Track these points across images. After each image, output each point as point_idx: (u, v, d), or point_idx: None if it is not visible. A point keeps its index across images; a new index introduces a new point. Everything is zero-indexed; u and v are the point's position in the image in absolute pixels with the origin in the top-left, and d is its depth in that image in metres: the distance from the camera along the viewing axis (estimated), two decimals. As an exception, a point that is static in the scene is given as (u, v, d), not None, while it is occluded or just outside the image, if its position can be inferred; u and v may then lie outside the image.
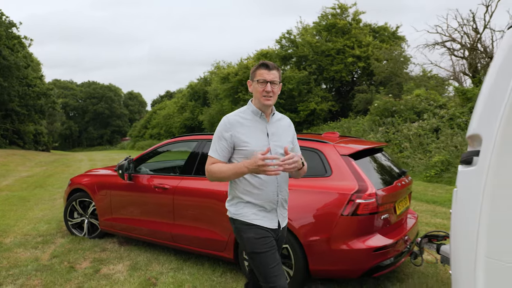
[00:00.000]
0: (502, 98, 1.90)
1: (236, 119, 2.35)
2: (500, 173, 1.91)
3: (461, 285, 2.14)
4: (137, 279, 3.93)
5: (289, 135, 2.49)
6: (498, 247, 1.94)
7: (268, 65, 2.33)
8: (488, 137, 1.98)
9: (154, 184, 4.46)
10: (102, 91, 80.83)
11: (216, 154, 2.34)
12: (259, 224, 2.32)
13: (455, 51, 18.62)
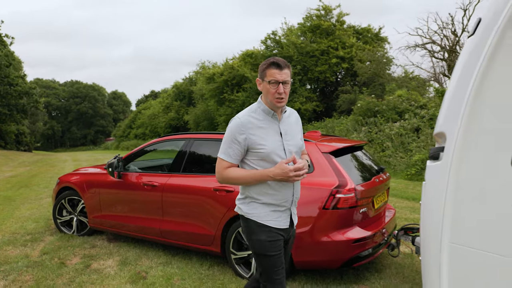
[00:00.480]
0: (463, 100, 2.12)
1: (249, 120, 2.25)
2: (461, 167, 2.13)
3: (429, 268, 2.35)
4: (127, 273, 4.07)
5: (298, 131, 2.45)
6: (460, 233, 2.16)
7: (280, 64, 2.20)
8: (451, 134, 2.19)
9: (143, 181, 4.60)
10: (85, 91, 79.88)
11: (229, 158, 2.24)
12: (272, 226, 2.28)
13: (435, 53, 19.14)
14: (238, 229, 3.87)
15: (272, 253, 2.27)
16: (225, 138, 2.27)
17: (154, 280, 3.86)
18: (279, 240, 2.31)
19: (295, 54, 21.19)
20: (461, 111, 2.12)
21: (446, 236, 2.22)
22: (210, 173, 4.28)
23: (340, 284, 3.73)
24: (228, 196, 3.93)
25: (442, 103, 2.37)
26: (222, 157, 2.26)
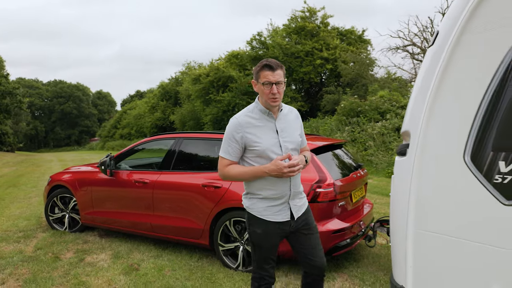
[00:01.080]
0: (424, 102, 2.42)
1: (246, 119, 2.39)
2: (422, 162, 2.42)
3: (397, 253, 2.65)
4: (120, 265, 4.28)
5: (297, 128, 2.55)
6: (422, 220, 2.45)
7: (272, 66, 2.32)
8: (415, 133, 2.49)
9: (135, 179, 4.81)
10: (69, 90, 78.94)
11: (228, 155, 2.40)
12: (269, 220, 2.43)
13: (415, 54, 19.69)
14: (226, 223, 4.13)
15: (265, 245, 2.48)
16: (224, 137, 2.42)
17: (146, 272, 4.08)
18: (274, 234, 2.47)
19: (280, 55, 21.50)
20: (423, 112, 2.42)
21: (411, 223, 2.52)
22: (198, 170, 4.52)
23: (320, 272, 4.01)
24: (216, 192, 4.18)
25: (407, 105, 2.67)
26: (223, 155, 2.42)
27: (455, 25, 2.21)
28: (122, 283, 3.82)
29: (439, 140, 2.36)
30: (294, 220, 2.50)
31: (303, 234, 2.54)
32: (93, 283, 3.83)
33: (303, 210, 2.56)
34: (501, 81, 2.02)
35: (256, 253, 2.53)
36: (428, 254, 2.44)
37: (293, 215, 2.50)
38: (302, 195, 2.60)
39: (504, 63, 2.00)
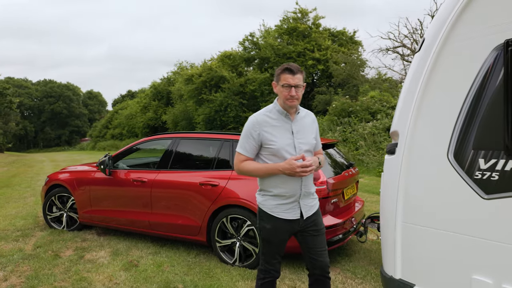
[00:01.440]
0: (411, 104, 2.59)
1: (263, 118, 2.51)
2: (410, 159, 2.60)
3: (386, 245, 2.82)
4: (120, 262, 4.40)
5: (312, 131, 2.66)
6: (410, 213, 2.63)
7: (293, 70, 2.45)
8: (403, 133, 2.66)
9: (133, 178, 4.93)
10: (59, 90, 78.28)
11: (245, 151, 2.51)
12: (279, 217, 2.54)
13: (405, 56, 20.00)
14: (223, 220, 4.27)
15: (273, 241, 2.59)
16: (242, 134, 2.55)
17: (145, 268, 4.21)
18: (283, 231, 2.58)
19: (272, 56, 21.68)
20: (410, 114, 2.59)
21: (399, 216, 2.69)
22: (196, 169, 4.66)
23: (314, 267, 4.18)
24: (213, 190, 4.33)
25: (396, 106, 2.84)
26: (239, 151, 2.54)
27: (440, 33, 2.39)
28: (123, 278, 3.95)
29: (425, 139, 2.54)
30: (304, 219, 2.59)
31: (310, 234, 2.63)
32: (94, 278, 3.95)
33: (314, 211, 2.65)
34: (481, 85, 2.20)
35: (265, 247, 2.64)
36: (415, 246, 2.61)
37: (303, 214, 2.58)
38: (314, 196, 2.69)
39: (483, 69, 2.18)
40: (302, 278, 3.90)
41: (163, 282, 3.82)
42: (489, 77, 2.17)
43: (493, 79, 2.15)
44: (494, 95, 2.15)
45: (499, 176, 2.13)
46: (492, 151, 2.16)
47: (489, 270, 2.20)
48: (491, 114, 2.17)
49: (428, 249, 2.53)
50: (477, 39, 2.23)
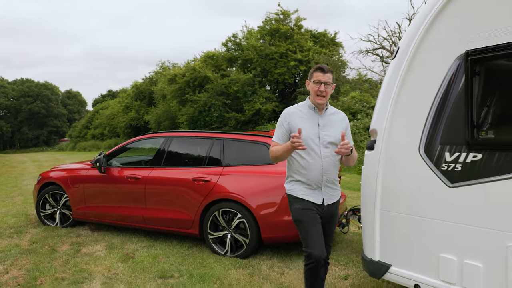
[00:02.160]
0: (387, 106, 2.93)
1: (294, 111, 2.86)
2: (386, 155, 2.93)
3: (366, 231, 3.15)
4: (116, 255, 4.62)
5: (341, 127, 2.88)
6: (387, 202, 2.96)
7: (324, 69, 2.77)
8: (380, 131, 3.00)
9: (127, 175, 5.15)
10: (37, 90, 76.56)
11: (277, 139, 2.86)
12: (304, 198, 2.80)
13: (385, 58, 20.62)
14: (215, 213, 4.55)
15: (304, 219, 2.78)
16: (277, 124, 2.90)
17: (142, 259, 4.45)
18: (311, 210, 2.78)
19: (255, 57, 21.97)
20: (387, 114, 2.93)
21: (378, 205, 3.03)
22: (188, 166, 4.92)
23: (300, 256, 4.50)
24: (205, 185, 4.60)
25: (375, 107, 3.18)
26: (273, 139, 2.89)
27: (412, 43, 2.73)
28: (121, 269, 4.18)
29: (400, 136, 2.88)
30: (325, 205, 2.84)
31: (327, 223, 2.92)
32: (94, 270, 4.16)
33: (335, 200, 2.91)
34: (446, 89, 2.55)
35: (300, 229, 2.83)
36: (391, 230, 2.95)
37: (324, 201, 2.83)
38: (337, 187, 2.93)
39: (447, 75, 2.53)
40: (290, 265, 4.21)
41: (159, 272, 4.07)
42: (453, 82, 2.52)
43: (456, 84, 2.50)
44: (457, 98, 2.50)
45: (462, 167, 2.48)
46: (455, 146, 2.52)
47: (453, 248, 2.55)
48: (455, 114, 2.52)
49: (402, 232, 2.87)
50: (443, 49, 2.58)
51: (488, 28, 2.36)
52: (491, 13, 2.37)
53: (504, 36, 2.26)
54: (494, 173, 2.34)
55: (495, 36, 2.31)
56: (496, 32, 2.31)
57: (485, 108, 2.40)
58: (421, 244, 2.74)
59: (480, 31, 2.40)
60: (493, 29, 2.33)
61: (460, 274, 2.52)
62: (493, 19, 2.35)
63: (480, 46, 2.37)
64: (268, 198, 4.31)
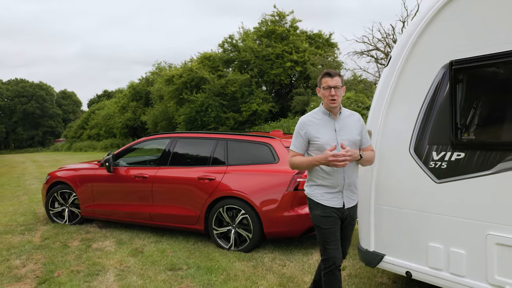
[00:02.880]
0: (381, 109, 3.22)
1: (309, 119, 2.87)
2: (380, 154, 3.22)
3: (362, 224, 3.43)
4: (126, 249, 4.88)
5: (356, 129, 2.86)
6: (380, 197, 3.25)
7: (331, 73, 2.79)
8: (375, 132, 3.29)
9: (134, 174, 5.42)
10: (32, 90, 76.31)
11: (295, 148, 2.86)
12: (325, 204, 2.82)
13: (379, 59, 20.98)
14: (219, 210, 4.82)
15: (324, 227, 2.82)
16: (294, 133, 2.92)
17: (151, 253, 4.71)
18: (332, 217, 2.81)
19: (252, 58, 22.24)
20: (380, 116, 3.22)
21: (373, 200, 3.32)
22: (194, 165, 5.19)
23: (300, 250, 4.79)
24: (210, 184, 4.87)
25: (370, 109, 3.46)
26: (291, 148, 2.89)
27: (402, 53, 3.03)
28: (132, 262, 4.44)
29: (392, 137, 3.17)
30: (345, 208, 2.86)
31: (345, 226, 2.94)
32: (106, 263, 4.42)
33: (353, 204, 2.93)
34: (433, 95, 2.85)
35: (319, 234, 2.87)
36: (385, 223, 3.24)
37: (345, 204, 2.85)
38: (356, 190, 2.93)
39: (434, 83, 2.83)
40: (291, 258, 4.49)
41: (169, 265, 4.34)
42: (439, 89, 2.82)
43: (441, 90, 2.80)
44: (442, 103, 2.80)
45: (447, 165, 2.78)
46: (442, 146, 2.81)
47: (440, 237, 2.85)
48: (441, 117, 2.82)
49: (395, 225, 3.17)
50: (430, 59, 2.88)
51: (469, 41, 2.65)
52: (471, 28, 2.66)
53: (482, 49, 2.56)
54: (475, 170, 2.63)
55: (475, 48, 2.60)
56: (475, 45, 2.61)
57: (467, 112, 2.69)
58: (412, 235, 3.04)
59: (462, 44, 2.69)
60: (473, 42, 2.63)
61: (446, 261, 2.82)
62: (473, 34, 2.64)
63: (462, 57, 2.67)
64: (270, 195, 4.59)
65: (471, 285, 2.67)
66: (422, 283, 3.61)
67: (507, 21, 2.49)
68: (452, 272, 2.78)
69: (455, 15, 2.76)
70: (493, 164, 2.55)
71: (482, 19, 2.62)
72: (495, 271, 2.54)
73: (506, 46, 2.46)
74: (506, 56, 2.46)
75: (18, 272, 4.24)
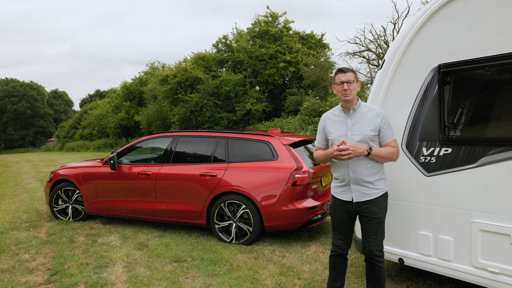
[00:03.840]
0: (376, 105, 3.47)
1: (328, 115, 3.06)
2: (375, 149, 3.46)
3: (357, 216, 3.67)
4: (131, 243, 5.09)
5: (371, 124, 2.88)
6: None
7: (343, 69, 2.92)
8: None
9: (138, 171, 5.62)
10: (22, 90, 75.65)
11: (317, 143, 3.12)
12: (336, 196, 3.04)
13: (371, 60, 21.35)
14: (221, 205, 5.05)
15: (332, 216, 3.10)
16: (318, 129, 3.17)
17: (155, 247, 4.92)
18: (338, 210, 3.02)
19: (246, 58, 22.49)
20: (374, 115, 3.47)
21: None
22: (195, 162, 5.41)
23: (298, 242, 5.03)
24: (212, 180, 5.09)
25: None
26: (315, 143, 3.17)
27: (395, 57, 3.28)
28: (138, 255, 4.65)
29: (385, 134, 3.42)
30: (355, 202, 2.93)
31: (363, 220, 2.97)
32: (113, 256, 4.62)
33: (367, 198, 2.90)
34: (423, 96, 3.11)
35: (331, 222, 3.16)
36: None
37: (354, 198, 2.93)
38: (372, 185, 2.90)
39: (424, 84, 3.09)
40: (290, 250, 4.73)
41: (174, 257, 4.55)
42: (429, 90, 3.08)
43: (431, 91, 3.06)
44: (432, 102, 3.06)
45: (436, 159, 3.04)
46: (431, 142, 3.07)
47: (430, 226, 3.11)
48: (430, 116, 3.08)
49: (388, 215, 3.41)
50: (421, 62, 3.14)
51: (455, 47, 2.91)
52: (456, 35, 2.92)
53: (467, 54, 2.82)
54: (461, 164, 2.90)
55: (461, 53, 2.86)
56: (461, 50, 2.87)
57: (454, 111, 2.95)
58: (404, 224, 3.29)
59: (448, 49, 2.95)
60: (459, 47, 2.89)
61: (435, 247, 3.08)
62: (458, 40, 2.91)
63: (449, 61, 2.93)
64: (270, 191, 4.83)
65: (458, 269, 2.94)
66: (412, 269, 3.90)
67: (489, 29, 2.76)
68: (440, 257, 3.04)
69: (443, 22, 3.02)
70: (477, 158, 2.82)
71: (467, 26, 2.88)
72: (479, 255, 2.81)
73: (488, 52, 2.73)
74: (489, 60, 2.72)
75: (29, 265, 4.42)
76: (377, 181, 2.91)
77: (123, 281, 3.92)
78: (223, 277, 3.96)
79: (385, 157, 2.88)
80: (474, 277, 2.85)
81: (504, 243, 2.69)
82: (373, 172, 2.89)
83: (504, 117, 2.73)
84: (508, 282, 2.67)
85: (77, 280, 3.94)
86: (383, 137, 2.91)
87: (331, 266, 3.17)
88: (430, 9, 3.06)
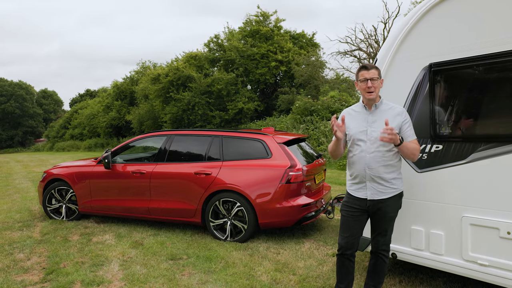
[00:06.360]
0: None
1: (349, 111, 3.04)
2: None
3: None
4: (126, 242, 5.10)
5: (392, 122, 2.82)
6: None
7: (367, 66, 2.86)
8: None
9: (132, 170, 5.63)
10: (11, 89, 74.70)
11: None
12: (350, 193, 3.01)
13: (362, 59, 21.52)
14: (215, 203, 5.09)
15: (342, 213, 3.04)
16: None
17: (150, 245, 4.94)
18: (352, 207, 2.96)
19: (237, 57, 22.53)
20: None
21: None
22: (190, 161, 5.44)
23: (292, 239, 5.10)
24: (207, 178, 5.13)
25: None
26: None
27: (387, 55, 3.35)
28: (134, 254, 4.67)
29: (378, 132, 3.49)
30: (369, 200, 2.91)
31: (375, 217, 2.99)
32: (109, 255, 4.64)
33: (383, 197, 2.88)
34: (415, 94, 3.18)
35: (340, 221, 3.10)
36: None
37: (368, 196, 2.91)
38: (388, 184, 2.88)
39: (416, 82, 3.17)
40: (284, 247, 4.80)
41: (169, 255, 4.58)
42: (420, 88, 3.15)
43: (422, 90, 3.13)
44: (423, 101, 3.14)
45: (427, 156, 3.12)
46: (422, 139, 3.15)
47: (422, 221, 3.19)
48: (422, 113, 3.15)
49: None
50: (412, 61, 3.22)
51: (445, 46, 2.99)
52: (447, 35, 3.01)
53: (456, 53, 2.91)
54: (451, 160, 2.98)
55: (451, 52, 2.94)
56: (451, 49, 2.95)
57: (445, 109, 3.03)
58: (397, 219, 3.36)
59: (439, 49, 3.03)
60: (449, 47, 2.97)
61: (427, 242, 3.16)
62: (449, 40, 2.99)
63: (440, 60, 3.01)
64: (264, 189, 4.88)
65: (449, 262, 3.02)
66: (405, 264, 3.98)
67: (477, 29, 2.84)
68: (432, 251, 3.12)
69: (435, 22, 3.10)
70: (467, 154, 2.90)
71: (457, 26, 2.96)
72: (469, 248, 2.90)
73: (478, 51, 2.81)
74: (478, 60, 2.80)
75: (24, 265, 4.41)
76: (393, 180, 2.89)
77: (119, 279, 3.95)
78: (219, 273, 4.01)
79: (410, 152, 2.81)
80: (465, 270, 2.94)
81: (493, 236, 2.78)
82: (390, 170, 2.88)
83: (493, 115, 2.82)
84: (497, 274, 2.76)
85: (73, 279, 3.95)
86: (404, 136, 2.85)
87: (336, 267, 3.16)
88: (421, 9, 3.13)
